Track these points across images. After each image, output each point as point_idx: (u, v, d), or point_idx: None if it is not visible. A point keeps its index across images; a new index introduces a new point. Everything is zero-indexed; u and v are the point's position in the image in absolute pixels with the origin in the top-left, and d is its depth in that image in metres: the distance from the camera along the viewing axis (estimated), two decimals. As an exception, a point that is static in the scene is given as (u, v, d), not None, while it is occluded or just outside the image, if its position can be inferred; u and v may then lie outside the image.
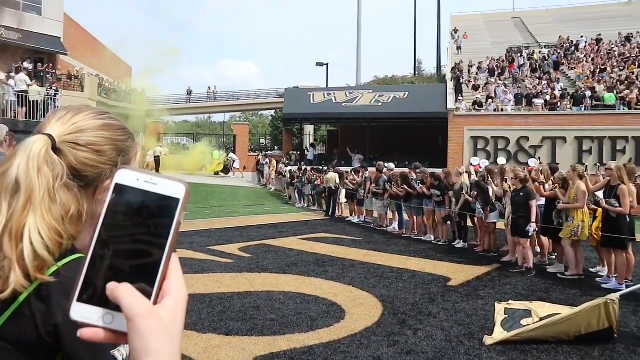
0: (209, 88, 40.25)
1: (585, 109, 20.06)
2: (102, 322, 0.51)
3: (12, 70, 19.93)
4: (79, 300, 0.52)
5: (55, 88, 20.88)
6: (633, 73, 21.89)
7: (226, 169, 26.91)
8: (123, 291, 0.50)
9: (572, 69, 25.24)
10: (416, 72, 44.90)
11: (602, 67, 23.47)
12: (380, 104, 23.86)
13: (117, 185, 0.53)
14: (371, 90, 25.95)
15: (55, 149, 0.82)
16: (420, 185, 11.02)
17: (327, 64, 36.87)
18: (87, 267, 0.52)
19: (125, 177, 0.53)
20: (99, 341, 0.52)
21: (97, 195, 0.90)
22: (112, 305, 0.51)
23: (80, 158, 0.85)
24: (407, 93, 24.41)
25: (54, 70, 24.30)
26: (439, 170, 11.90)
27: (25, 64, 22.34)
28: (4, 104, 17.57)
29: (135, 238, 0.53)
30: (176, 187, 0.53)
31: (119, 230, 0.53)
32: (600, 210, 7.38)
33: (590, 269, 7.89)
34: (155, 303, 0.52)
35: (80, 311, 0.52)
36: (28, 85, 18.76)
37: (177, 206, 0.53)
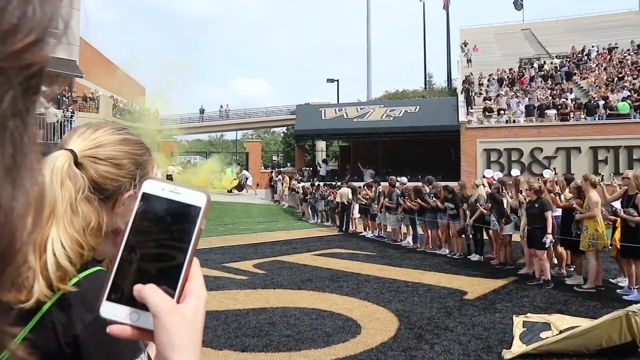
0: (221, 106, 40.65)
1: (599, 119, 19.88)
2: (129, 320, 0.55)
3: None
4: (108, 299, 0.56)
5: (71, 110, 21.33)
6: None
7: (240, 186, 27.06)
8: (149, 291, 0.54)
9: (584, 78, 25.10)
10: (427, 86, 44.94)
11: (619, 76, 23.27)
12: (391, 118, 23.92)
13: (144, 194, 0.57)
14: (382, 105, 26.05)
15: (77, 164, 0.86)
16: (434, 199, 10.97)
17: (337, 80, 37.18)
18: (115, 269, 0.56)
19: (152, 186, 0.57)
20: (126, 337, 0.56)
21: (117, 208, 0.93)
22: (138, 305, 0.55)
23: (101, 171, 0.89)
24: (418, 107, 24.45)
25: (70, 93, 24.82)
26: (452, 184, 11.85)
27: (42, 87, 22.86)
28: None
29: (160, 243, 0.56)
30: (198, 196, 0.57)
31: (145, 236, 0.57)
32: (619, 220, 7.28)
33: (611, 280, 7.75)
34: (178, 303, 0.55)
35: (109, 309, 0.55)
36: (45, 108, 19.16)
37: (198, 214, 0.56)
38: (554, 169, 17.55)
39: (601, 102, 20.28)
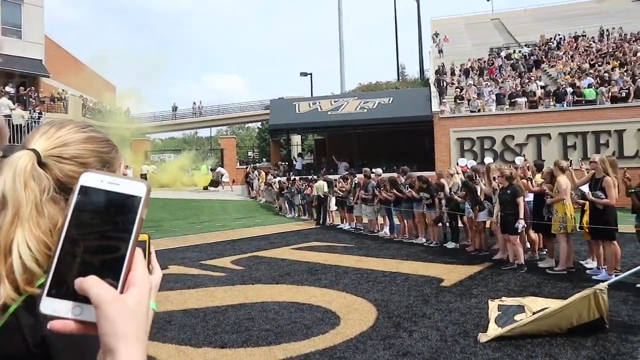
0: (194, 103, 40.20)
1: (567, 106, 20.36)
2: (71, 314, 0.55)
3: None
4: (48, 295, 0.55)
5: (38, 111, 20.78)
6: (613, 69, 22.25)
7: (215, 183, 26.84)
8: (90, 282, 0.54)
9: (552, 66, 25.62)
10: (400, 78, 45.21)
11: (591, 63, 23.81)
12: (365, 110, 24.00)
13: (82, 187, 0.57)
14: (356, 98, 26.11)
15: (41, 164, 0.84)
16: (409, 189, 11.08)
17: (311, 74, 37.06)
18: (55, 264, 0.56)
19: (90, 179, 0.58)
20: (69, 332, 0.56)
21: None
22: (80, 298, 0.55)
23: (66, 171, 0.87)
24: (391, 98, 24.60)
25: (36, 93, 24.16)
26: (427, 173, 11.98)
27: (7, 88, 22.20)
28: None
29: (101, 234, 0.56)
30: (138, 186, 0.58)
31: (85, 228, 0.56)
32: (587, 203, 7.48)
33: (581, 262, 7.97)
34: (121, 293, 0.56)
35: (49, 305, 0.55)
36: (11, 110, 18.64)
37: (139, 204, 0.57)
38: (524, 155, 17.94)
39: (569, 90, 20.75)
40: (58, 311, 0.55)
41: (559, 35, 29.65)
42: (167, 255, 9.72)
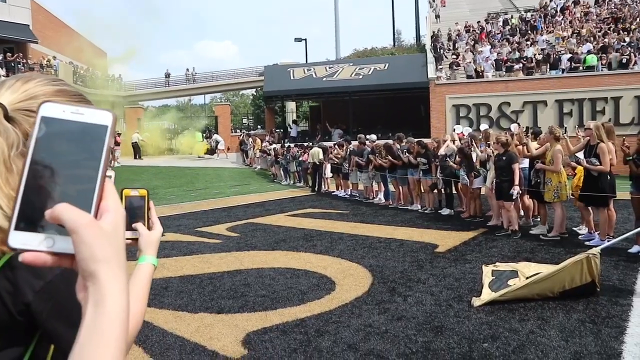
0: (187, 70, 39.49)
1: (564, 72, 20.19)
2: (44, 246, 0.53)
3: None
4: (16, 228, 0.53)
5: (13, 75, 20.37)
6: (614, 35, 21.95)
7: (211, 151, 26.71)
8: (63, 208, 0.52)
9: (550, 32, 25.26)
10: (395, 43, 44.47)
11: (589, 29, 23.47)
12: (360, 76, 23.74)
13: (43, 117, 0.55)
14: (351, 64, 25.79)
15: (8, 118, 0.79)
16: (407, 155, 11.04)
17: (305, 39, 36.47)
18: (21, 197, 0.54)
19: (51, 109, 0.56)
20: (41, 264, 0.54)
21: None
22: (52, 230, 0.53)
23: None
24: (387, 64, 24.30)
25: (25, 60, 23.67)
26: (423, 140, 11.92)
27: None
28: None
29: (68, 165, 0.55)
30: (103, 114, 0.56)
31: (51, 160, 0.55)
32: (579, 168, 7.49)
33: (574, 228, 8.04)
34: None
35: (19, 239, 0.53)
36: (1, 77, 18.28)
37: (105, 132, 0.56)
38: (519, 123, 17.83)
39: (567, 56, 20.52)
40: (29, 244, 0.53)
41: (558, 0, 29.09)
42: (163, 223, 9.52)
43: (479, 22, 28.29)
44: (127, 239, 1.13)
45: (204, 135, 28.30)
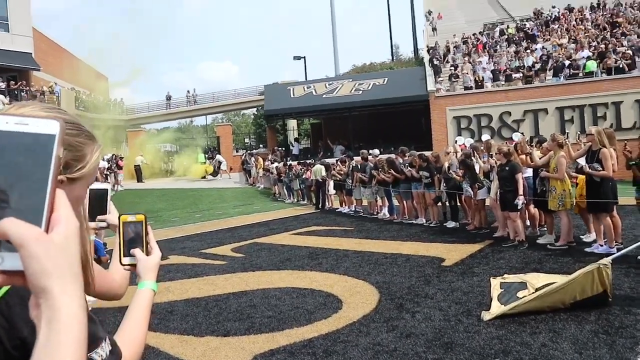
0: (188, 92, 39.83)
1: (564, 79, 20.21)
2: None
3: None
4: None
5: (12, 103, 20.54)
6: (611, 40, 22.03)
7: (214, 172, 26.75)
8: (8, 223, 0.50)
9: (547, 40, 25.38)
10: (394, 58, 44.82)
11: (586, 35, 23.57)
12: (360, 92, 23.84)
13: None
14: (350, 80, 25.92)
15: None
16: (409, 168, 11.01)
17: (304, 57, 36.73)
18: None
19: None
20: None
21: None
22: (1, 248, 0.51)
23: None
24: (386, 79, 24.41)
25: (27, 87, 23.91)
26: (425, 153, 11.90)
27: (-2, 83, 21.99)
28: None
29: (14, 178, 0.53)
30: (49, 124, 0.55)
31: None
32: (581, 177, 7.44)
33: (581, 237, 7.95)
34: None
35: None
36: (4, 104, 18.44)
37: (53, 142, 0.54)
38: (522, 133, 17.77)
39: (566, 62, 20.56)
40: None
41: (554, 7, 29.30)
42: (167, 245, 9.69)
43: (474, 34, 28.48)
44: (126, 264, 1.14)
45: (207, 156, 28.36)
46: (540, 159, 8.01)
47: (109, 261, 1.34)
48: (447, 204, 10.29)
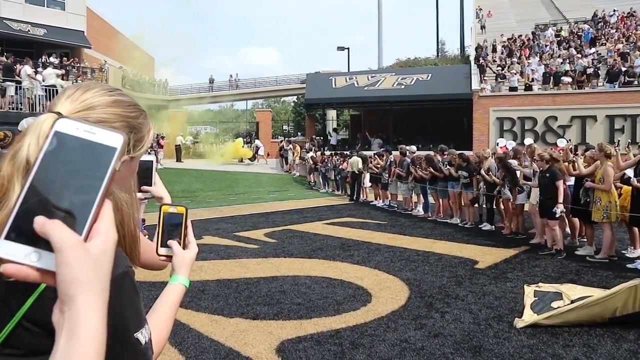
0: (231, 76, 40.34)
1: (619, 86, 19.38)
2: (28, 260, 0.52)
3: (40, 66, 20.34)
4: (6, 237, 0.53)
5: (80, 81, 21.24)
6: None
7: (252, 157, 27.06)
8: (53, 225, 0.51)
9: (603, 44, 24.38)
10: (439, 54, 44.04)
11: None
12: (402, 86, 23.57)
13: (56, 132, 0.56)
14: (394, 73, 25.64)
15: None
16: (448, 167, 10.85)
17: (348, 48, 36.54)
18: (19, 206, 0.54)
19: (65, 125, 0.56)
20: (22, 278, 0.52)
21: None
22: (41, 245, 0.52)
23: None
24: (430, 75, 24.05)
25: (79, 64, 24.71)
26: (467, 153, 11.70)
27: (52, 59, 22.78)
28: (33, 99, 17.97)
29: (70, 182, 0.55)
30: (114, 137, 0.57)
31: (55, 174, 0.55)
32: (626, 188, 7.15)
33: (623, 251, 7.66)
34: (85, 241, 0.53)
35: (6, 248, 0.52)
36: (58, 76, 19.16)
37: (113, 154, 0.56)
38: (568, 140, 17.13)
39: (622, 69, 19.72)
40: (14, 255, 0.52)
41: (615, 10, 28.06)
42: (202, 226, 9.90)
43: (526, 34, 27.63)
44: (162, 255, 1.12)
45: (245, 140, 28.69)
46: (584, 168, 7.75)
47: (147, 237, 1.36)
48: (484, 205, 10.10)
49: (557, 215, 7.47)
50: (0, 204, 0.77)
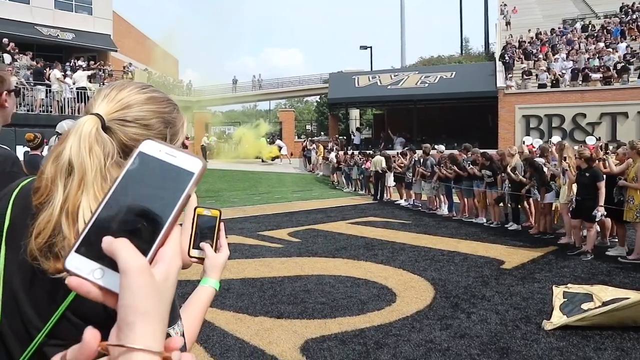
0: (254, 76, 40.61)
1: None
2: (92, 276, 0.52)
3: (68, 69, 20.84)
4: (76, 251, 0.53)
5: (107, 84, 21.71)
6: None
7: (275, 156, 27.20)
8: (120, 244, 0.50)
9: (633, 39, 23.71)
10: (463, 51, 43.50)
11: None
12: (426, 85, 23.36)
13: (140, 152, 0.56)
14: (417, 72, 25.46)
15: (105, 128, 0.83)
16: (471, 166, 10.70)
17: (370, 47, 36.41)
18: (93, 222, 0.54)
19: (149, 146, 0.57)
20: (83, 294, 0.52)
21: None
22: (107, 263, 0.51)
23: (130, 134, 0.86)
24: (454, 73, 23.78)
25: (105, 67, 25.24)
26: (489, 151, 11.53)
27: (80, 62, 23.33)
28: (62, 101, 18.43)
29: (145, 203, 0.55)
30: (194, 162, 0.56)
31: (132, 193, 0.55)
32: None
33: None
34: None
35: (74, 262, 0.52)
36: (88, 78, 19.63)
37: (190, 179, 0.56)
38: (598, 138, 16.68)
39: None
40: (80, 269, 0.52)
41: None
42: (226, 225, 9.95)
43: (552, 29, 27.05)
44: (193, 257, 1.12)
45: (268, 141, 28.85)
46: (616, 166, 7.53)
47: None
48: (509, 205, 9.91)
49: (596, 219, 7.23)
50: (45, 204, 0.79)
